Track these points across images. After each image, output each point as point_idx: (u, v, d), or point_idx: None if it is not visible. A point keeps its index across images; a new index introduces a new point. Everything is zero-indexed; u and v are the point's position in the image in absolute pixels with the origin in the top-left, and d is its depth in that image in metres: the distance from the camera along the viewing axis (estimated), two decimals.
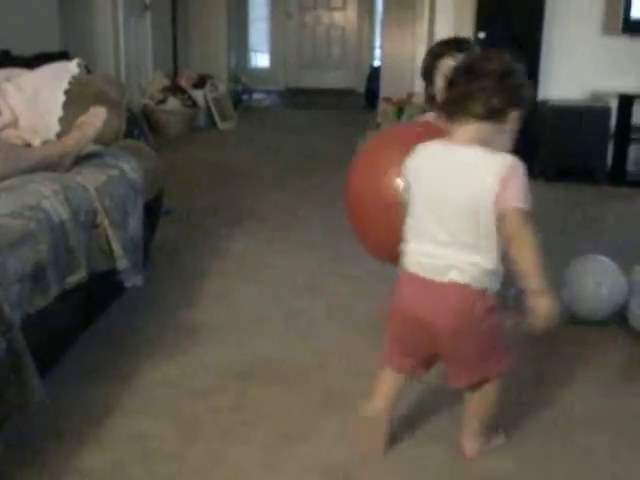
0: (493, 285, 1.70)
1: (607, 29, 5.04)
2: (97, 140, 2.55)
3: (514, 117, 1.68)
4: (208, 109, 7.02)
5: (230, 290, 2.92)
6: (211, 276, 3.06)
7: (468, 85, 1.67)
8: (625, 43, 5.00)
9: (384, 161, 2.19)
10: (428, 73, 2.32)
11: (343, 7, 10.38)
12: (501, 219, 1.62)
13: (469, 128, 1.68)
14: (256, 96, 9.14)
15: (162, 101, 6.52)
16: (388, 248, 2.07)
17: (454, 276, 1.66)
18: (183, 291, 2.87)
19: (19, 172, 2.17)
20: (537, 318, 1.63)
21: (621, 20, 4.89)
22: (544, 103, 4.98)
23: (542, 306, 1.62)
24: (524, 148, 5.25)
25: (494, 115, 1.66)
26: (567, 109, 4.94)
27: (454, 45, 2.30)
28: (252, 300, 2.82)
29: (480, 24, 4.92)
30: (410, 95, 6.08)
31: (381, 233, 2.18)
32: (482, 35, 4.89)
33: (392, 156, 2.07)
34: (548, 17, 4.94)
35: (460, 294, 1.67)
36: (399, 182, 1.98)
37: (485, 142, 1.67)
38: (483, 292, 1.68)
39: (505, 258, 1.67)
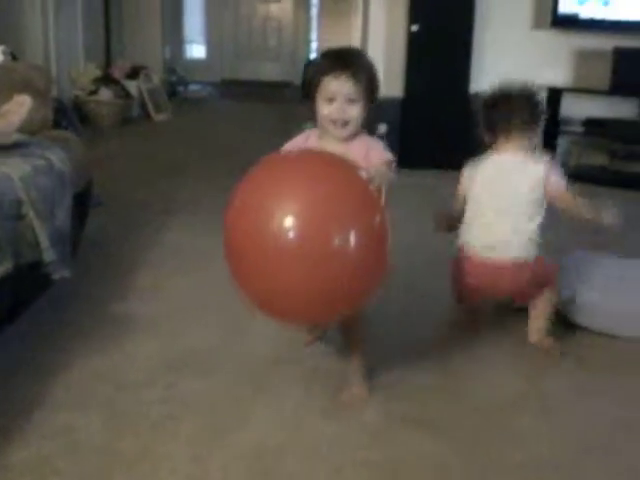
0: (539, 251, 2.31)
1: (537, 23, 5.16)
2: (23, 129, 2.49)
3: (538, 127, 2.35)
4: (142, 100, 6.94)
5: (163, 282, 2.89)
6: (144, 268, 3.02)
7: (508, 105, 2.31)
8: (554, 37, 5.13)
9: (263, 199, 1.77)
10: (310, 88, 2.03)
11: None
12: (554, 199, 2.29)
13: (513, 139, 2.32)
14: (192, 87, 9.07)
15: (94, 92, 6.41)
16: (266, 297, 1.82)
17: (512, 252, 2.28)
18: (115, 283, 2.83)
19: None
20: (608, 227, 2.24)
21: (550, 14, 5.01)
22: (476, 96, 5.06)
23: (604, 221, 2.25)
24: (456, 140, 5.34)
25: (529, 126, 2.31)
26: None
27: (341, 63, 1.98)
28: (185, 292, 2.80)
29: (413, 17, 4.97)
30: None
31: (260, 281, 1.79)
32: (415, 28, 4.94)
33: (272, 194, 1.75)
34: (480, 11, 5.02)
35: (516, 265, 2.28)
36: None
37: (523, 147, 2.32)
38: (533, 258, 2.29)
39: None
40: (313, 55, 9.47)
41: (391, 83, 5.26)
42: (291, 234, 1.68)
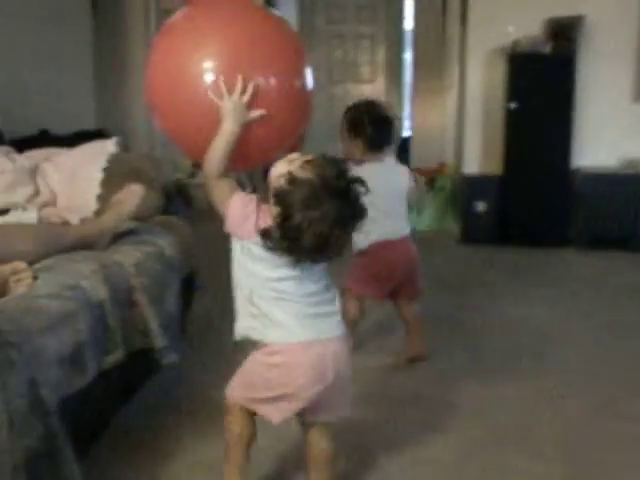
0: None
1: (637, 97, 5.05)
2: (135, 216, 2.56)
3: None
4: None
5: None
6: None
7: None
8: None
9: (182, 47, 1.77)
10: None
11: (371, 80, 10.55)
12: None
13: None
14: None
15: (193, 175, 6.62)
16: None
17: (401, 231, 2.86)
18: (217, 367, 2.82)
19: (58, 252, 2.17)
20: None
21: None
22: (577, 171, 4.96)
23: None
24: (558, 216, 5.18)
25: None
26: (600, 177, 4.91)
27: None
28: None
29: (512, 94, 4.94)
30: (442, 165, 6.08)
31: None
32: (513, 105, 4.91)
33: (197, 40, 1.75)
34: (580, 86, 4.95)
35: (404, 237, 2.87)
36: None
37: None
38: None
39: None
40: (406, 133, 9.53)
41: (490, 159, 5.23)
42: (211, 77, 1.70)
